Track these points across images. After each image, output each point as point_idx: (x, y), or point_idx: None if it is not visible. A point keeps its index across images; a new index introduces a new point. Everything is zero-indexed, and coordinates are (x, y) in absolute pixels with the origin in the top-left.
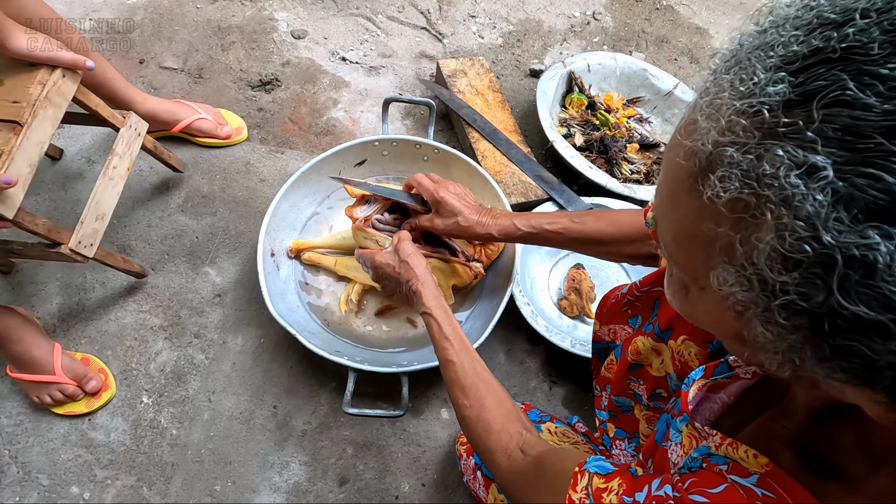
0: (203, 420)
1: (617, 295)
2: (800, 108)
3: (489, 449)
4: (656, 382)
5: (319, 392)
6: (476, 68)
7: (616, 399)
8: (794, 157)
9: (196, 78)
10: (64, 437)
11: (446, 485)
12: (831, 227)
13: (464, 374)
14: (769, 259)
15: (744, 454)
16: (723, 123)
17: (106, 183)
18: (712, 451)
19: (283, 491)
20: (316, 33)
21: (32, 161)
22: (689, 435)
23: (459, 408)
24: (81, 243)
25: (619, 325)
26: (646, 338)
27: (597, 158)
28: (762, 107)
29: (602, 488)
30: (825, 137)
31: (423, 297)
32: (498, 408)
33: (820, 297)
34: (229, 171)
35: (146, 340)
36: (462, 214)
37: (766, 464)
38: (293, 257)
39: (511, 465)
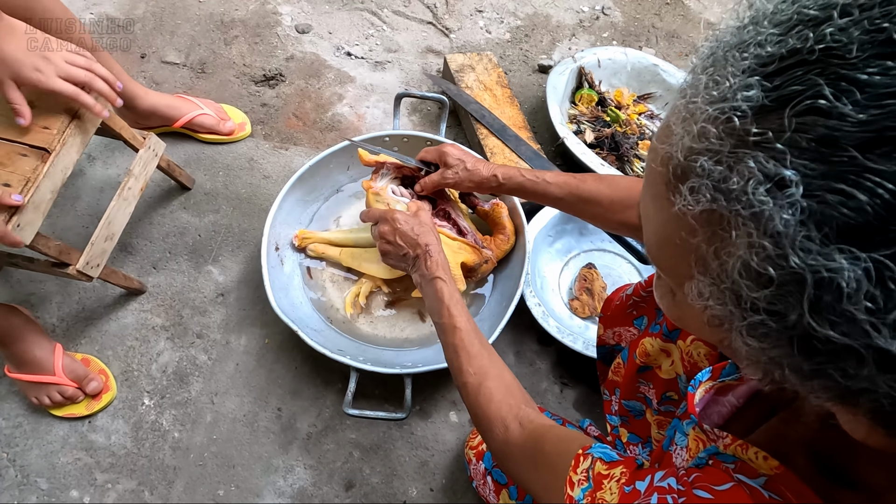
0: (206, 422)
1: (621, 296)
2: (773, 115)
3: (488, 418)
4: (666, 385)
5: (325, 393)
6: (484, 63)
7: (627, 403)
8: (764, 169)
9: (198, 73)
10: (63, 440)
11: (455, 490)
12: (798, 246)
13: (469, 342)
14: (741, 274)
15: (753, 455)
16: (695, 130)
17: (119, 204)
18: (720, 450)
19: (288, 495)
20: (320, 28)
21: (55, 187)
22: (696, 438)
23: (462, 374)
24: (89, 264)
25: (623, 328)
26: (654, 339)
27: (608, 156)
28: (733, 113)
29: (604, 474)
30: (797, 148)
31: (437, 262)
32: (500, 378)
33: (793, 317)
34: (232, 168)
35: (148, 340)
36: (468, 159)
37: (776, 466)
38: (298, 247)
39: (508, 436)
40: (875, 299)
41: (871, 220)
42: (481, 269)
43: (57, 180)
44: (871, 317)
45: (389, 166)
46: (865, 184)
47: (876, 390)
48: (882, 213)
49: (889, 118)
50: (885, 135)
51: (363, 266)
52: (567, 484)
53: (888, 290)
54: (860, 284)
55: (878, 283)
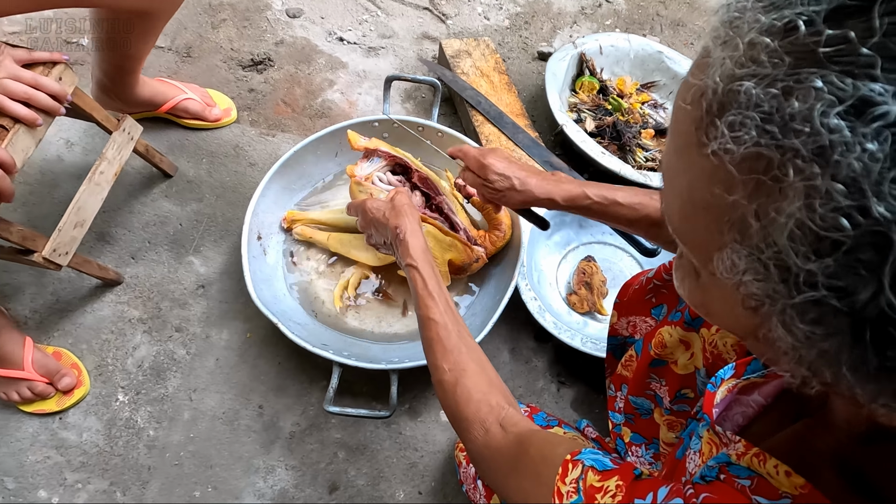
0: (183, 420)
1: (641, 280)
2: (855, 19)
3: (465, 419)
4: (682, 382)
5: (309, 391)
6: (481, 49)
7: (634, 400)
8: (838, 90)
9: (184, 57)
10: (33, 437)
11: (445, 493)
12: (887, 192)
13: (446, 335)
14: (793, 239)
15: (773, 469)
16: (741, 48)
17: (90, 189)
18: (732, 461)
19: (269, 497)
20: (312, 12)
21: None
22: (710, 441)
23: (437, 371)
24: (56, 251)
25: (640, 317)
26: (673, 327)
27: (609, 145)
28: (798, 19)
29: (596, 487)
30: (889, 58)
31: (409, 247)
32: (479, 375)
33: (864, 294)
34: (217, 155)
35: (124, 334)
36: (516, 177)
37: (801, 485)
38: (286, 228)
39: (488, 440)
40: None
41: None
42: (471, 268)
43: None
44: None
45: (382, 153)
46: None
47: None
48: None
49: None
50: None
51: (352, 253)
52: (555, 495)
53: None
54: None
55: None
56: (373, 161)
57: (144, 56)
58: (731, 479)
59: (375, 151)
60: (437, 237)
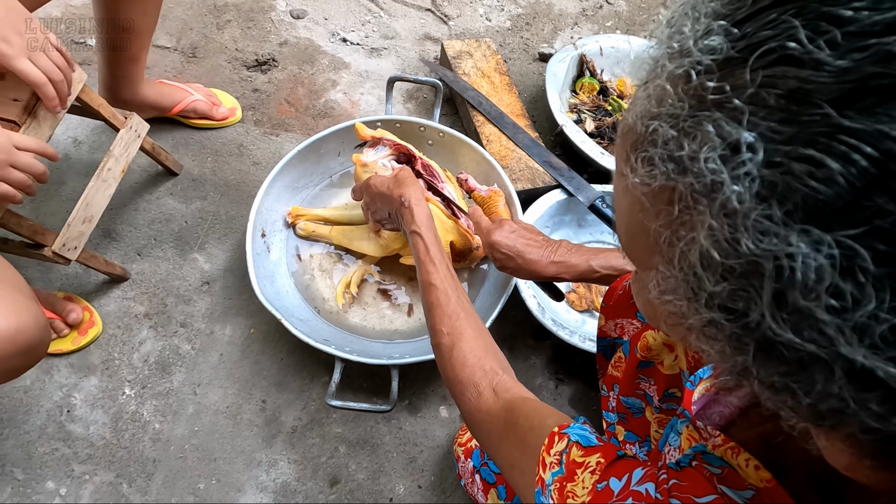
0: (187, 414)
1: (624, 286)
2: (739, 69)
3: (460, 382)
4: (669, 382)
5: (311, 386)
6: (482, 50)
7: (625, 400)
8: (722, 133)
9: (189, 57)
10: (41, 430)
11: (444, 487)
12: (753, 227)
13: (445, 300)
14: (702, 263)
15: (743, 462)
16: (651, 91)
17: (98, 185)
18: (707, 450)
19: (271, 490)
20: (316, 13)
21: None
22: (689, 437)
23: (436, 334)
24: (66, 246)
25: (626, 320)
26: (656, 332)
27: (609, 145)
28: (692, 68)
29: (578, 462)
30: (764, 107)
31: (413, 214)
32: (476, 340)
33: (753, 316)
34: (221, 154)
35: (130, 329)
36: (520, 257)
37: (767, 479)
38: (291, 223)
39: (480, 403)
40: (841, 294)
41: (842, 194)
42: (471, 255)
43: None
44: (834, 317)
45: (387, 142)
46: (839, 148)
47: (849, 412)
48: (856, 183)
49: (873, 62)
50: (867, 84)
51: (354, 244)
52: (539, 464)
53: (858, 283)
54: (822, 275)
55: (844, 273)
56: (378, 149)
57: (143, 54)
58: (702, 466)
59: (381, 140)
60: (440, 218)
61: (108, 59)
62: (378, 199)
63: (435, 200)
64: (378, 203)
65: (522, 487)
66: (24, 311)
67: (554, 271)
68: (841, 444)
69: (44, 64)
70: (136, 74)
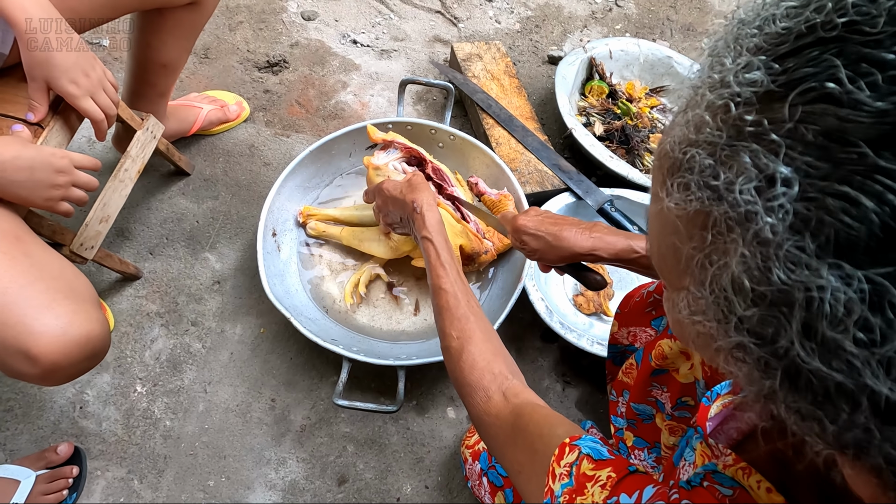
0: (198, 412)
1: (642, 294)
2: (779, 104)
3: (469, 384)
4: (682, 390)
5: (320, 385)
6: (492, 52)
7: (636, 406)
8: (759, 165)
9: (202, 58)
10: (54, 425)
11: (451, 488)
12: (785, 258)
13: (455, 304)
14: (734, 288)
15: (755, 484)
16: (691, 118)
17: (115, 185)
18: (718, 469)
19: (279, 489)
20: (327, 15)
21: None
22: (703, 453)
23: (445, 337)
24: (83, 245)
25: (640, 328)
26: (673, 341)
27: (617, 149)
28: (731, 100)
29: (588, 475)
30: (801, 142)
31: (425, 219)
32: (485, 343)
33: (783, 343)
34: (232, 154)
35: (142, 327)
36: (548, 234)
37: (780, 503)
38: (302, 223)
39: (489, 407)
40: (870, 328)
41: (876, 232)
42: (480, 259)
43: None
44: (862, 349)
45: (398, 145)
46: (874, 187)
47: (874, 443)
48: (890, 223)
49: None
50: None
51: (364, 245)
52: (549, 474)
53: (887, 318)
54: (851, 308)
55: (874, 308)
56: (389, 152)
57: (171, 89)
58: (713, 487)
59: (392, 143)
60: (449, 222)
61: (138, 93)
62: (391, 202)
63: (445, 204)
64: (390, 207)
65: (529, 494)
66: (93, 320)
67: (590, 245)
68: (867, 474)
69: (103, 101)
70: (161, 108)
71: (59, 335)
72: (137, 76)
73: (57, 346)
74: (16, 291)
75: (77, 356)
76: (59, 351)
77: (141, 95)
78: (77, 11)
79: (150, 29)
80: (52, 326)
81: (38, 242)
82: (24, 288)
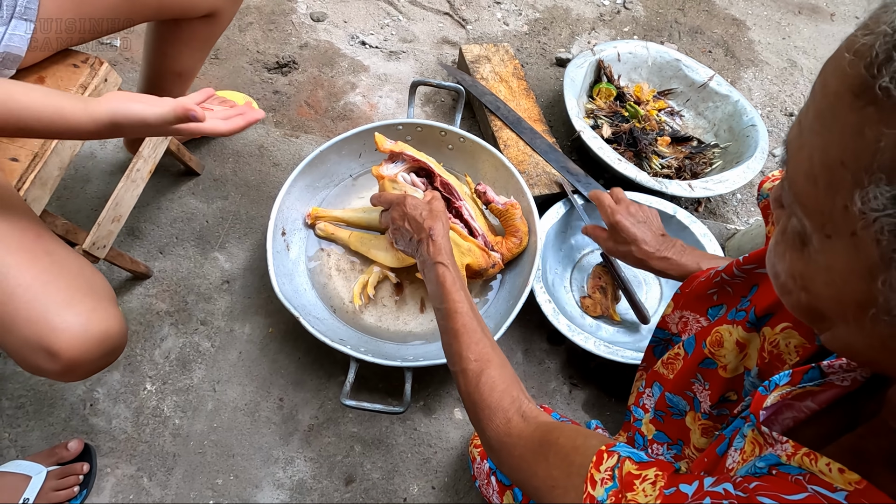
0: (207, 410)
1: (709, 274)
2: None
3: (489, 407)
4: (726, 385)
5: (328, 385)
6: (500, 54)
7: (671, 398)
8: None
9: (212, 59)
10: (65, 422)
11: (458, 489)
12: None
13: (472, 328)
14: None
15: (825, 467)
16: None
17: (127, 185)
18: (783, 461)
19: (287, 487)
20: (335, 16)
21: (63, 163)
22: (754, 441)
23: (461, 360)
24: (95, 244)
25: (694, 314)
26: (734, 326)
27: (625, 151)
28: None
29: (634, 475)
30: None
31: (440, 247)
32: (503, 367)
33: None
34: (242, 155)
35: (152, 326)
36: (637, 244)
37: (856, 481)
38: (310, 224)
39: (510, 428)
40: None
41: None
42: (487, 273)
43: (65, 157)
44: None
45: (406, 157)
46: None
47: None
48: None
49: None
50: None
51: (371, 252)
52: (588, 482)
53: None
54: None
55: None
56: (397, 163)
57: (195, 73)
58: (783, 475)
59: (400, 154)
60: (456, 242)
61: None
62: (410, 220)
63: (452, 224)
64: (406, 224)
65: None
66: (112, 317)
67: (661, 267)
68: None
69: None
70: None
71: (80, 332)
72: (152, 83)
73: (78, 342)
74: (38, 288)
75: (96, 352)
76: (80, 347)
77: None
78: (93, 15)
79: (166, 39)
80: (74, 323)
81: (57, 240)
82: (46, 285)
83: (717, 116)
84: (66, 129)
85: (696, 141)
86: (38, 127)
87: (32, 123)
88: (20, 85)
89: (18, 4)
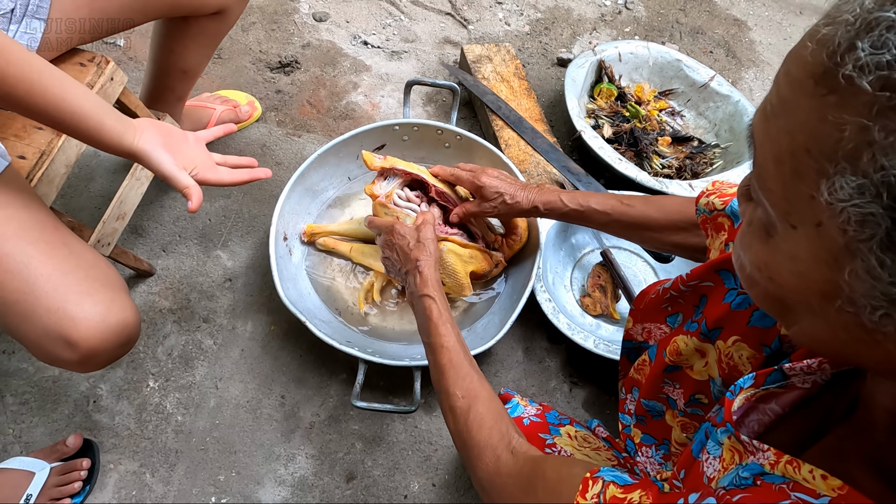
0: (209, 407)
1: (658, 290)
2: None
3: (477, 445)
4: (696, 387)
5: (329, 383)
6: (502, 54)
7: (646, 403)
8: None
9: (214, 58)
10: (68, 419)
11: (458, 486)
12: None
13: (459, 362)
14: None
15: (808, 475)
16: None
17: (132, 184)
18: (766, 470)
19: (289, 484)
20: (338, 16)
21: (70, 161)
22: (732, 448)
23: (449, 397)
24: (100, 242)
25: (655, 324)
26: (689, 337)
27: (626, 151)
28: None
29: (619, 498)
30: None
31: (427, 279)
32: (491, 402)
33: None
34: (244, 154)
35: (154, 323)
36: (507, 192)
37: (838, 487)
38: (306, 242)
39: (499, 467)
40: None
41: None
42: (491, 274)
43: (71, 155)
44: None
45: (398, 171)
46: None
47: None
48: None
49: None
50: None
51: (374, 265)
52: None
53: None
54: None
55: None
56: (390, 179)
57: (189, 93)
58: (767, 485)
59: (391, 170)
60: (458, 252)
61: (157, 97)
62: (398, 250)
63: (451, 235)
64: (396, 254)
65: None
66: (128, 308)
67: (530, 200)
68: None
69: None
70: (178, 110)
71: (99, 322)
72: (158, 80)
73: (96, 332)
74: (58, 279)
75: (114, 342)
76: (98, 337)
77: (160, 98)
78: (106, 12)
79: (173, 35)
80: (93, 313)
81: (72, 233)
82: (65, 275)
83: (718, 117)
84: (95, 141)
85: (697, 141)
86: (73, 131)
87: (70, 126)
88: (78, 87)
89: (31, 3)
